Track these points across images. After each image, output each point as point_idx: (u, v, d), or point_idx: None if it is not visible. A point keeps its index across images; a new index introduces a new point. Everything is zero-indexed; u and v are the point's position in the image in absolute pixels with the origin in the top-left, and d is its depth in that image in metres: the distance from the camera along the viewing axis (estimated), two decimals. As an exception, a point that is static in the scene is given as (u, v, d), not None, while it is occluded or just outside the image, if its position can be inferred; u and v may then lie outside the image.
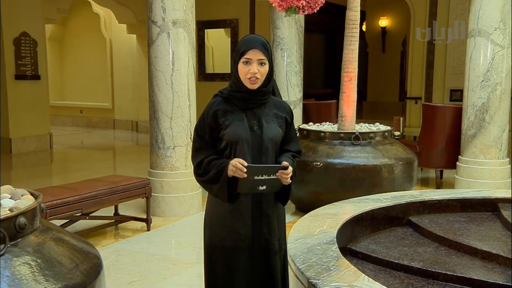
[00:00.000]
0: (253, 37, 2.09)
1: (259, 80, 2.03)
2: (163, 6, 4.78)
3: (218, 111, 2.06)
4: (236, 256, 2.07)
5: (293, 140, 2.22)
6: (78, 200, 3.83)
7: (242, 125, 2.05)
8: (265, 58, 2.02)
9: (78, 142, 11.15)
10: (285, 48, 6.50)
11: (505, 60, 5.55)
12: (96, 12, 12.08)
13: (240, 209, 2.07)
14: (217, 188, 2.04)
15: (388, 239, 3.26)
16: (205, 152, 2.08)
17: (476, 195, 3.80)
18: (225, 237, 2.08)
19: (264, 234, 2.09)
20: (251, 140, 2.05)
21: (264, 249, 2.10)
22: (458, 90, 8.61)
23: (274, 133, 2.09)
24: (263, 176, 1.94)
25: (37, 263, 1.66)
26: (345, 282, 2.20)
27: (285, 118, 2.15)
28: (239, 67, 2.03)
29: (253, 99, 2.07)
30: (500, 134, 5.66)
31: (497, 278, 2.69)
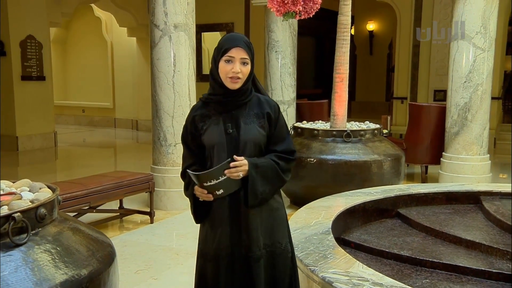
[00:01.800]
0: (236, 35, 1.93)
1: (241, 80, 1.85)
2: (165, 10, 4.80)
3: (196, 116, 1.93)
4: (217, 264, 1.92)
5: (281, 140, 1.96)
6: (86, 194, 3.85)
7: (217, 129, 1.89)
8: (248, 58, 1.86)
9: (81, 140, 11.12)
10: (279, 50, 6.54)
11: (485, 63, 5.60)
12: (98, 16, 12.04)
13: (219, 215, 1.91)
14: (191, 208, 1.97)
15: (379, 230, 3.31)
16: (188, 160, 1.97)
17: (459, 189, 3.86)
18: (207, 245, 1.95)
19: (243, 241, 1.88)
20: (226, 144, 1.88)
21: (244, 256, 1.89)
22: (441, 90, 8.67)
23: (252, 134, 1.88)
24: (212, 182, 1.78)
25: (57, 251, 1.70)
26: (341, 269, 2.25)
27: (268, 114, 1.92)
28: (220, 65, 1.85)
29: (230, 101, 1.89)
30: (481, 131, 5.72)
31: (480, 264, 2.74)
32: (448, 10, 8.30)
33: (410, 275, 2.68)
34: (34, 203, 1.74)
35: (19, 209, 1.64)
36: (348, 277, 2.18)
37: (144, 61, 11.42)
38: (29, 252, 1.61)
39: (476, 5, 5.48)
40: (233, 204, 1.89)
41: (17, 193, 1.87)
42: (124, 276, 3.42)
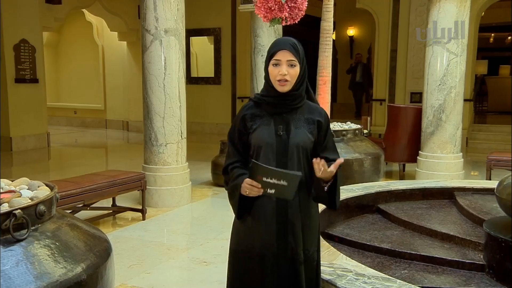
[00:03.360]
0: (282, 39, 1.86)
1: (289, 83, 1.79)
2: (156, 16, 4.79)
3: (246, 115, 1.87)
4: (262, 263, 1.84)
5: (332, 149, 1.92)
6: (81, 192, 3.83)
7: (268, 130, 1.83)
8: (295, 60, 1.78)
9: (73, 140, 10.99)
10: (265, 54, 6.54)
11: (458, 66, 5.67)
12: (89, 21, 11.92)
13: (265, 216, 1.83)
14: (231, 204, 1.90)
15: (360, 224, 3.37)
16: (233, 157, 1.91)
17: (435, 185, 3.93)
18: (252, 243, 1.85)
19: (290, 244, 1.83)
20: (275, 145, 1.82)
21: (290, 258, 1.83)
22: (417, 92, 8.78)
23: (301, 138, 1.83)
24: (272, 180, 1.68)
25: (56, 246, 1.70)
26: (326, 260, 2.29)
27: (318, 121, 1.86)
28: (269, 69, 1.81)
29: (282, 104, 1.83)
30: (454, 131, 5.79)
31: (454, 256, 2.81)
32: (423, 16, 8.42)
33: (390, 266, 2.72)
34: (34, 201, 1.74)
35: (20, 206, 1.64)
36: (332, 268, 2.21)
37: (134, 64, 11.35)
38: (30, 247, 1.61)
39: (449, 12, 5.57)
40: (280, 206, 1.82)
41: (16, 191, 1.86)
42: (117, 270, 3.40)
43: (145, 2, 4.84)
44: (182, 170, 5.14)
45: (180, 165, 5.12)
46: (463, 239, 2.95)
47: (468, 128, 9.09)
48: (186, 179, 5.21)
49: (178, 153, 5.06)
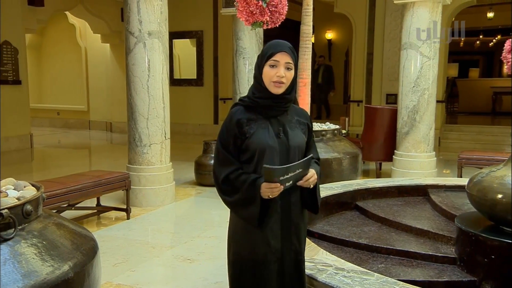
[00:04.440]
0: (280, 41, 1.80)
1: (284, 85, 1.75)
2: (139, 19, 4.76)
3: (241, 119, 1.77)
4: (267, 269, 1.77)
5: (313, 148, 1.93)
6: (66, 192, 3.78)
7: (268, 133, 1.76)
8: (292, 63, 1.76)
9: (56, 141, 10.81)
10: (246, 57, 6.57)
11: (431, 69, 5.78)
12: (72, 23, 11.75)
13: (270, 220, 1.77)
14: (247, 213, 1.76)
15: (339, 221, 3.39)
16: (231, 165, 1.78)
17: (410, 183, 3.98)
18: (256, 250, 1.77)
19: (294, 245, 1.80)
20: (278, 148, 1.76)
21: (294, 260, 1.81)
22: (393, 94, 8.92)
23: (300, 139, 1.82)
24: (289, 174, 1.67)
25: (43, 245, 1.68)
26: (307, 256, 2.30)
27: (307, 124, 1.89)
28: (265, 70, 1.75)
29: (276, 106, 1.78)
30: (427, 131, 5.90)
31: (428, 250, 2.86)
32: (398, 21, 8.55)
33: (368, 260, 2.76)
34: (21, 200, 1.72)
35: (6, 206, 1.62)
36: (313, 263, 2.24)
37: (117, 66, 11.23)
38: (17, 246, 1.59)
39: (422, 17, 5.67)
40: (284, 209, 1.79)
41: (3, 191, 1.84)
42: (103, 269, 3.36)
43: (128, 5, 4.80)
44: (166, 170, 5.12)
45: (164, 165, 5.09)
46: (436, 234, 3.01)
47: (440, 128, 9.26)
48: (170, 179, 5.19)
49: (162, 153, 5.04)
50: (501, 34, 14.81)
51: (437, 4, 5.69)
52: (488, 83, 13.23)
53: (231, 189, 1.77)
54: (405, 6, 5.84)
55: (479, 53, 17.57)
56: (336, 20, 12.57)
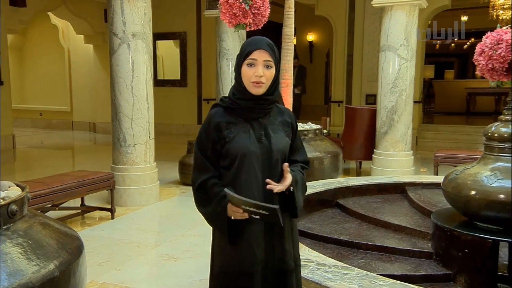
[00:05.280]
0: (258, 38, 1.65)
1: (264, 85, 1.60)
2: (123, 20, 4.72)
3: (220, 123, 1.63)
4: (252, 280, 1.65)
5: (299, 149, 1.78)
6: (50, 192, 3.73)
7: (249, 137, 1.62)
8: (271, 60, 1.60)
9: (39, 142, 10.62)
10: (230, 58, 6.58)
11: (408, 71, 5.87)
12: (55, 24, 11.55)
13: (254, 231, 1.65)
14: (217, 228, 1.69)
15: (321, 218, 3.43)
16: (207, 171, 1.66)
17: (388, 181, 4.05)
18: (241, 261, 1.65)
19: (277, 254, 1.67)
20: (260, 153, 1.62)
21: (278, 269, 1.67)
22: (372, 95, 9.02)
23: (283, 143, 1.67)
24: (251, 208, 1.53)
25: (29, 244, 1.66)
26: (289, 252, 2.33)
27: (291, 124, 1.73)
28: (243, 69, 1.61)
29: (258, 108, 1.64)
30: (405, 131, 5.99)
31: (405, 245, 2.92)
32: (376, 24, 8.66)
33: (348, 256, 2.81)
34: (6, 200, 1.70)
35: (-9, 206, 1.60)
36: (295, 259, 2.26)
37: (101, 67, 11.10)
38: (2, 246, 1.57)
39: (400, 20, 5.77)
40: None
41: (-13, 192, 1.81)
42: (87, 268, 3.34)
43: (112, 6, 4.76)
44: (150, 169, 5.09)
45: (148, 165, 5.07)
46: (413, 229, 3.07)
47: (417, 127, 9.40)
48: (154, 179, 5.17)
49: (146, 153, 5.01)
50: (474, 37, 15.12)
51: (413, 7, 5.79)
52: (462, 84, 13.49)
53: (205, 199, 1.67)
54: (383, 9, 5.92)
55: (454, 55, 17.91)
56: (317, 22, 12.67)
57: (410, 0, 5.72)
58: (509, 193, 2.20)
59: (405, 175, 5.30)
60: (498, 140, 2.36)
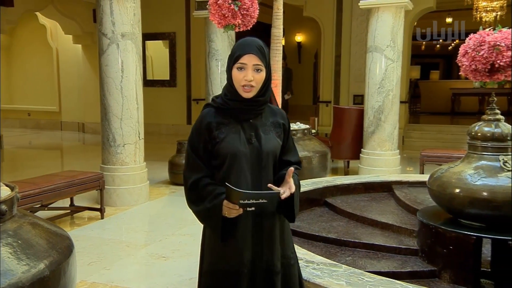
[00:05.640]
0: (248, 40, 1.63)
1: (254, 89, 1.60)
2: (112, 20, 4.70)
3: (212, 123, 1.63)
4: (240, 281, 1.65)
5: (291, 150, 1.77)
6: (39, 193, 3.69)
7: (238, 138, 1.62)
8: (261, 64, 1.59)
9: (27, 142, 10.50)
10: (219, 58, 6.58)
11: (395, 71, 5.93)
12: (43, 24, 11.42)
13: (242, 230, 1.65)
14: (210, 226, 1.68)
15: (310, 217, 3.46)
16: (199, 171, 1.65)
17: (375, 180, 4.09)
18: (229, 260, 1.65)
19: (265, 255, 1.66)
20: (249, 154, 1.62)
21: (265, 270, 1.67)
22: (359, 95, 9.08)
23: (273, 144, 1.66)
24: (250, 201, 1.53)
25: (19, 244, 1.65)
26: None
27: (283, 125, 1.72)
28: (233, 73, 1.61)
29: (248, 110, 1.64)
30: (392, 130, 6.05)
31: (392, 242, 2.96)
32: (364, 25, 8.73)
33: (336, 254, 2.83)
34: (-5, 201, 1.68)
35: (-19, 206, 1.59)
36: (284, 257, 2.27)
37: (90, 67, 11.00)
38: (-8, 246, 1.56)
39: (386, 22, 5.82)
40: (256, 219, 1.65)
41: (-24, 192, 1.79)
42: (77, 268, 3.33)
43: (101, 6, 4.73)
44: (140, 169, 5.07)
45: (138, 165, 5.05)
46: (400, 227, 3.11)
47: (404, 127, 9.48)
48: (144, 178, 5.15)
49: (136, 153, 4.99)
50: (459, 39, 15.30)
51: (399, 9, 5.86)
52: (447, 85, 13.65)
53: (197, 197, 1.66)
54: (370, 11, 5.98)
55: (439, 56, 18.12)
56: (306, 23, 12.72)
57: (396, 2, 5.78)
58: (491, 191, 2.25)
59: (391, 174, 5.36)
60: (481, 139, 2.41)
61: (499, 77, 2.30)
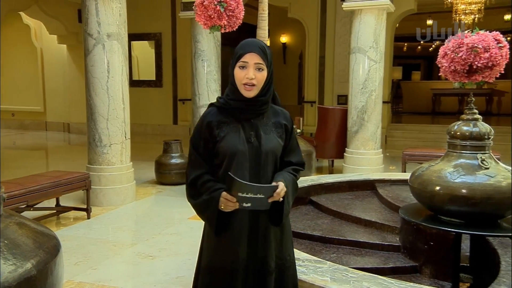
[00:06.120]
0: (251, 41, 1.67)
1: (256, 88, 1.61)
2: (98, 21, 4.65)
3: (212, 122, 1.65)
4: (234, 279, 1.66)
5: (294, 151, 1.76)
6: (24, 193, 3.64)
7: (238, 137, 1.63)
8: (262, 63, 1.61)
9: (11, 143, 10.31)
10: (205, 59, 6.56)
11: (377, 72, 5.99)
12: (27, 24, 11.25)
13: (238, 228, 1.65)
14: (206, 218, 1.68)
15: (295, 215, 3.47)
16: (200, 168, 1.67)
17: (359, 178, 4.13)
18: (225, 259, 1.66)
19: (259, 254, 1.67)
20: (248, 153, 1.63)
21: (259, 270, 1.67)
22: (343, 95, 9.16)
23: (273, 144, 1.66)
24: (249, 194, 1.53)
25: (5, 244, 1.63)
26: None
27: (285, 125, 1.72)
28: (235, 72, 1.62)
29: (250, 109, 1.65)
30: (375, 130, 6.11)
31: (375, 239, 3.00)
32: (347, 27, 8.79)
33: (321, 251, 2.86)
34: (-19, 201, 1.66)
35: (-34, 206, 1.56)
36: (270, 254, 2.29)
37: (75, 67, 10.87)
38: (-22, 246, 1.54)
39: (369, 23, 5.88)
40: (252, 218, 1.65)
41: (-39, 192, 1.77)
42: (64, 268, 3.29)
43: (87, 7, 4.69)
44: (126, 169, 5.04)
45: (125, 165, 5.01)
46: (383, 224, 3.15)
47: (386, 127, 9.58)
48: (130, 178, 5.12)
49: (123, 153, 4.95)
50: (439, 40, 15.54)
51: (382, 11, 5.92)
52: (428, 85, 13.84)
53: (196, 192, 1.68)
54: (353, 12, 6.03)
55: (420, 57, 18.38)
56: (290, 24, 12.75)
57: (378, 4, 5.84)
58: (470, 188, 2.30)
59: (375, 172, 5.40)
60: (460, 138, 2.45)
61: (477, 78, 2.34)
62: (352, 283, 1.96)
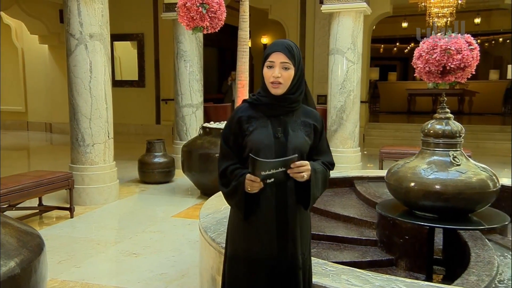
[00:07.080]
0: (279, 41, 1.70)
1: (283, 85, 1.63)
2: (80, 21, 4.58)
3: (242, 117, 1.69)
4: (261, 268, 1.65)
5: (325, 152, 1.80)
6: (6, 193, 3.57)
7: (266, 132, 1.66)
8: (289, 62, 1.63)
9: (-8, 143, 10.06)
10: (187, 59, 6.54)
11: (355, 73, 6.08)
12: (7, 24, 10.98)
13: (264, 218, 1.65)
14: (235, 203, 1.68)
15: (276, 211, 3.49)
16: (230, 159, 1.70)
17: (338, 175, 4.16)
18: (249, 248, 1.67)
19: (290, 249, 1.65)
20: (274, 148, 1.64)
21: (290, 264, 1.66)
22: (323, 95, 9.23)
23: (300, 141, 1.67)
24: (271, 171, 1.55)
25: (-12, 244, 1.61)
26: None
27: (314, 126, 1.73)
28: (264, 71, 1.67)
29: (279, 106, 1.67)
30: (353, 129, 6.20)
31: (353, 234, 3.04)
32: (326, 29, 8.87)
33: (302, 246, 2.88)
34: (-37, 201, 1.63)
35: None
36: (252, 250, 2.30)
37: (57, 67, 10.67)
38: (-40, 246, 1.51)
39: (347, 25, 5.96)
40: (279, 210, 1.65)
41: None
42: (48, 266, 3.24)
43: (68, 7, 4.61)
44: (109, 169, 4.98)
45: (108, 164, 4.95)
46: (361, 220, 3.19)
47: (364, 126, 9.70)
48: (113, 177, 5.06)
49: (106, 152, 4.89)
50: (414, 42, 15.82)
51: (359, 14, 6.00)
52: (404, 86, 14.06)
53: (227, 181, 1.70)
54: (332, 15, 6.09)
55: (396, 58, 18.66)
56: (271, 26, 12.78)
57: (355, 7, 5.92)
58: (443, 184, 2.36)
59: (353, 170, 5.45)
60: (434, 136, 2.51)
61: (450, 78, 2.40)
62: (331, 276, 1.99)
